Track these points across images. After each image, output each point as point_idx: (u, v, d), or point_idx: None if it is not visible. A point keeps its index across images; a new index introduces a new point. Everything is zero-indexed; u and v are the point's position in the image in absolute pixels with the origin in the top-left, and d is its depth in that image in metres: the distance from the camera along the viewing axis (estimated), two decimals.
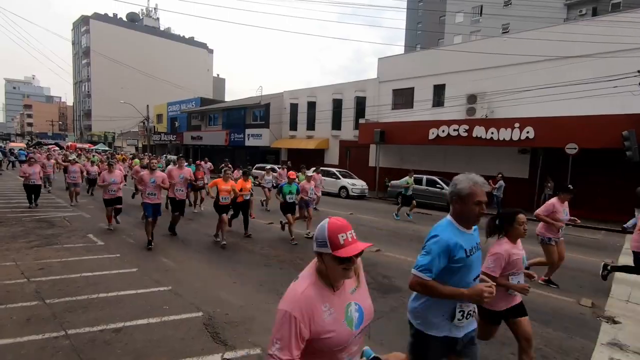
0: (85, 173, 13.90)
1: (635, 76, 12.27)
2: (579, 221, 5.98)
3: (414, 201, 12.26)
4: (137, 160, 19.31)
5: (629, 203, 13.06)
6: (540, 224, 5.76)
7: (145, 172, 7.42)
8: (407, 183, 12.22)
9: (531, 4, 29.25)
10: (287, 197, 7.99)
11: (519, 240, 3.10)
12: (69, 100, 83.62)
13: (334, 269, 1.38)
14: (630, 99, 12.62)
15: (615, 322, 4.53)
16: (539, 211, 5.74)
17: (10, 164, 27.39)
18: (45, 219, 9.19)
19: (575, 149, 12.97)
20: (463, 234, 2.02)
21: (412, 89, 20.25)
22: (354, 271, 1.48)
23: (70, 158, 14.02)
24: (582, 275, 6.63)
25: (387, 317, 4.42)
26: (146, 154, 30.08)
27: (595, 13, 28.59)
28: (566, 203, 5.73)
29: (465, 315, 2.04)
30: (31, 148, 32.57)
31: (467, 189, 1.99)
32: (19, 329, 3.65)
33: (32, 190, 10.68)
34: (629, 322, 4.56)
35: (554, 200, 5.71)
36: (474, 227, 2.09)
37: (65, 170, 14.40)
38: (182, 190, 8.31)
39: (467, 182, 2.01)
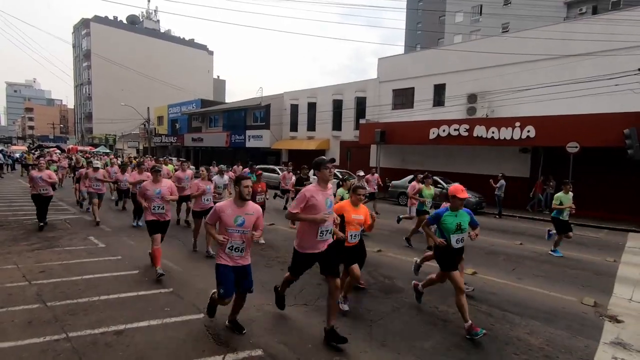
0: (108, 182, 11.17)
1: (635, 74, 12.24)
2: None
3: (571, 233, 7.97)
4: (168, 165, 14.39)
5: (631, 201, 13.05)
6: None
7: (226, 205, 3.66)
8: (560, 203, 7.88)
9: (531, 3, 29.21)
10: (454, 237, 4.14)
11: None
12: (70, 103, 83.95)
13: None
14: (631, 97, 12.59)
15: (618, 321, 4.51)
16: None
17: (9, 167, 27.50)
18: (46, 221, 9.19)
19: (576, 147, 12.94)
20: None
21: (412, 89, 20.24)
22: None
23: (95, 165, 9.93)
24: (584, 274, 6.61)
25: (389, 317, 4.41)
26: (147, 156, 30.06)
27: (595, 11, 28.53)
28: None
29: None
30: (32, 151, 32.55)
31: None
32: (20, 332, 3.65)
33: (43, 202, 8.40)
34: (632, 321, 4.54)
35: None
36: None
37: (76, 177, 12.20)
38: (328, 235, 3.83)
39: None
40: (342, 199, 6.64)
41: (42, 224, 8.42)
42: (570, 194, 8.03)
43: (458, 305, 4.06)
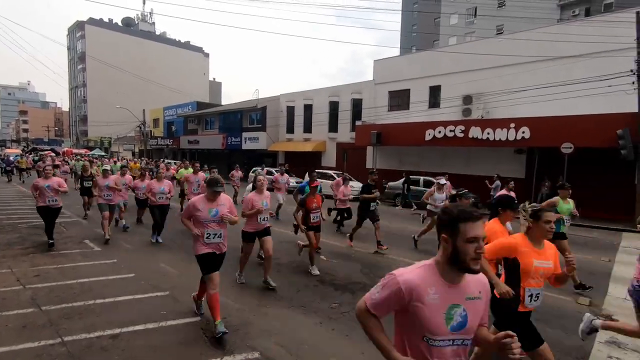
0: (125, 190, 9.05)
1: (628, 75, 12.37)
2: None
3: None
4: (184, 170, 12.35)
5: (625, 201, 13.16)
6: None
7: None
8: None
9: (525, 5, 29.46)
10: None
11: None
12: (65, 106, 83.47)
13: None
14: (623, 98, 12.71)
15: (613, 321, 4.54)
16: None
17: (2, 170, 27.23)
18: (41, 225, 9.10)
19: (570, 148, 13.04)
20: None
21: (408, 91, 20.33)
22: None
23: (105, 168, 8.90)
24: (578, 274, 6.63)
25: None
26: (143, 159, 29.93)
27: (588, 13, 28.82)
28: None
29: None
30: (26, 154, 32.20)
31: None
32: (15, 337, 3.61)
33: (50, 215, 7.08)
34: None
35: None
36: None
37: (85, 188, 10.41)
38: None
39: None
40: None
41: (51, 241, 7.06)
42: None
43: None
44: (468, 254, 1.43)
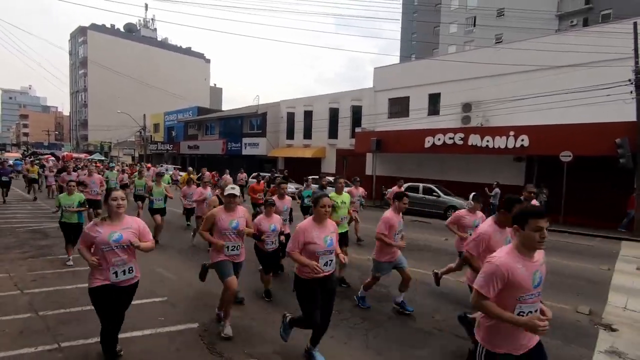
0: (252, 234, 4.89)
1: (626, 85, 12.46)
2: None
3: None
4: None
5: (624, 209, 13.17)
6: None
7: None
8: None
9: (523, 15, 29.77)
10: None
11: None
12: (66, 110, 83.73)
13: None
14: (622, 106, 12.79)
15: (612, 330, 4.53)
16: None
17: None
18: (39, 229, 9.11)
19: (569, 156, 13.09)
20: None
21: (407, 98, 20.44)
22: None
23: (231, 191, 3.96)
24: (578, 282, 6.63)
25: (384, 326, 4.39)
26: (143, 163, 29.94)
27: (586, 24, 29.11)
28: None
29: None
30: (27, 158, 32.09)
31: None
32: (11, 343, 3.59)
33: (117, 302, 3.23)
34: (627, 330, 4.56)
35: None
36: None
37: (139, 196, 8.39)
38: None
39: None
40: None
41: (112, 351, 3.27)
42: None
43: None
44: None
